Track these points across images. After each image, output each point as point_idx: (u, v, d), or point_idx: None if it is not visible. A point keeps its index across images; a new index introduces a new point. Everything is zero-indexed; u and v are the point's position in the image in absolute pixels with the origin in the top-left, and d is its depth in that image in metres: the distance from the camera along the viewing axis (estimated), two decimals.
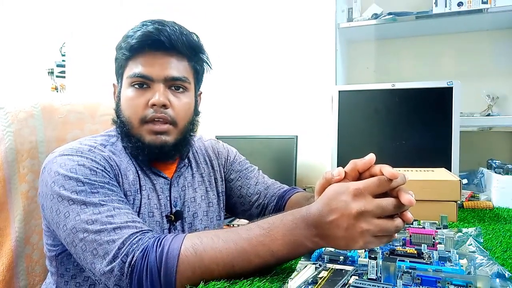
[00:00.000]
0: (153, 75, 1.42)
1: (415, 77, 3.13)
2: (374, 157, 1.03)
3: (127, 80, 1.46)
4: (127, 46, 1.44)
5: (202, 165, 1.69)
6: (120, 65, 1.52)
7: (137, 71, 1.43)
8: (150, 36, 1.41)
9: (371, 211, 0.93)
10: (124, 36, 1.48)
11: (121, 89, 1.51)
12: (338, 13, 2.98)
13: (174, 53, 1.46)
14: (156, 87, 1.43)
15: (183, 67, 1.49)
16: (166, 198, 1.49)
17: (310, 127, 3.24)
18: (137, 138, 1.43)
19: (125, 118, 1.46)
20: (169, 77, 1.44)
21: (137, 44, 1.42)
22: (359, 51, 3.31)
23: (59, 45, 4.68)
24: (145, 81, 1.43)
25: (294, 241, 1.01)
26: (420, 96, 2.35)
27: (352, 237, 0.94)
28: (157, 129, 1.42)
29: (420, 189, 1.63)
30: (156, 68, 1.43)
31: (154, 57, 1.44)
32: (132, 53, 1.45)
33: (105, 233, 1.13)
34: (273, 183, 1.78)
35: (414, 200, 0.95)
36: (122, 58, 1.48)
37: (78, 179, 1.23)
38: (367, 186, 0.95)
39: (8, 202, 1.66)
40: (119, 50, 1.50)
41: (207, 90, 1.71)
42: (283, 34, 3.36)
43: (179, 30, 1.46)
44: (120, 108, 1.50)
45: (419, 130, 2.34)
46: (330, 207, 0.96)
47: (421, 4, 2.99)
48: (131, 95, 1.44)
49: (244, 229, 1.08)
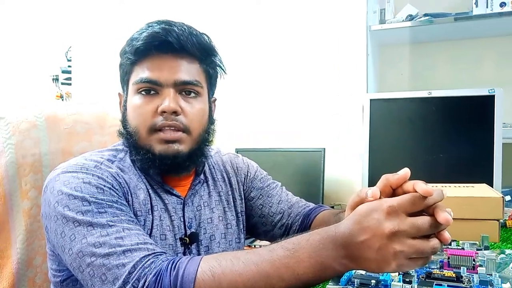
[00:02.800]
0: (161, 79, 1.40)
1: (453, 84, 3.12)
2: (409, 172, 1.01)
3: (133, 86, 1.44)
4: (132, 50, 1.42)
5: (220, 182, 1.67)
6: (125, 71, 1.50)
7: (144, 76, 1.41)
8: (157, 37, 1.39)
9: (406, 231, 0.91)
10: (128, 40, 1.47)
11: (127, 97, 1.50)
12: (370, 14, 2.98)
13: (183, 55, 1.44)
14: (165, 92, 1.41)
15: (195, 70, 1.47)
16: (179, 219, 1.47)
17: (338, 139, 3.22)
18: (146, 149, 1.41)
19: (132, 128, 1.44)
20: (179, 81, 1.42)
21: (143, 46, 1.40)
22: (392, 55, 3.30)
23: (64, 49, 4.71)
24: (153, 87, 1.41)
25: (321, 263, 0.99)
26: (459, 105, 2.34)
27: (385, 259, 0.92)
28: (168, 137, 1.40)
29: (458, 207, 1.62)
30: (164, 72, 1.41)
31: (162, 60, 1.42)
32: (138, 57, 1.43)
33: (114, 256, 1.12)
34: (298, 201, 1.75)
35: (452, 218, 0.93)
36: (126, 63, 1.47)
37: (83, 198, 1.22)
38: (401, 203, 0.93)
39: (9, 221, 1.66)
40: (123, 55, 1.49)
41: (224, 98, 1.70)
42: (309, 37, 3.35)
43: (188, 30, 1.44)
44: (126, 118, 1.48)
45: (458, 142, 2.33)
46: (361, 226, 0.95)
47: (460, 4, 2.98)
48: (138, 103, 1.43)
49: (266, 250, 1.06)
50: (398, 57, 3.28)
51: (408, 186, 0.99)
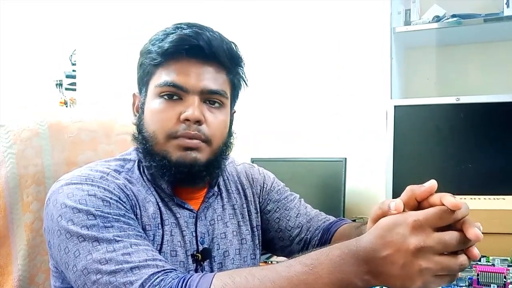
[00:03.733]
0: (188, 85, 1.39)
1: (483, 89, 3.10)
2: (436, 184, 1.00)
3: (155, 89, 1.43)
4: (159, 51, 1.41)
5: (234, 194, 1.66)
6: (146, 72, 1.48)
7: (169, 80, 1.40)
8: (188, 40, 1.38)
9: (432, 246, 0.91)
10: (153, 39, 1.46)
11: (145, 99, 1.48)
12: (394, 15, 2.97)
13: (212, 63, 1.43)
14: (189, 99, 1.40)
15: (222, 79, 1.46)
16: (191, 234, 1.46)
17: (361, 148, 3.23)
18: (163, 155, 1.40)
19: (149, 133, 1.42)
20: (206, 89, 1.41)
21: (172, 48, 1.39)
22: (418, 59, 3.29)
23: (69, 52, 4.71)
24: (178, 92, 1.40)
25: (342, 279, 0.98)
26: (489, 112, 2.34)
27: (409, 276, 0.92)
28: (187, 143, 1.38)
29: (488, 220, 1.60)
30: (191, 77, 1.40)
31: (190, 65, 1.41)
32: (165, 59, 1.42)
33: (121, 273, 1.11)
34: (317, 214, 1.74)
35: (481, 234, 0.92)
36: (150, 64, 1.45)
37: (88, 212, 1.22)
38: (428, 217, 0.93)
39: (9, 235, 1.66)
40: (146, 54, 1.47)
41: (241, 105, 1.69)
42: (330, 40, 3.36)
43: (220, 37, 1.44)
44: (143, 122, 1.47)
45: (488, 151, 2.32)
46: (385, 240, 0.94)
47: (490, 4, 2.97)
48: (159, 107, 1.41)
49: (283, 266, 1.05)
50: (424, 61, 3.27)
51: (434, 199, 0.98)
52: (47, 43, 4.86)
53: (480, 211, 1.55)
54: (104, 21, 4.17)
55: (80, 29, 4.31)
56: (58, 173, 1.65)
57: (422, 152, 2.47)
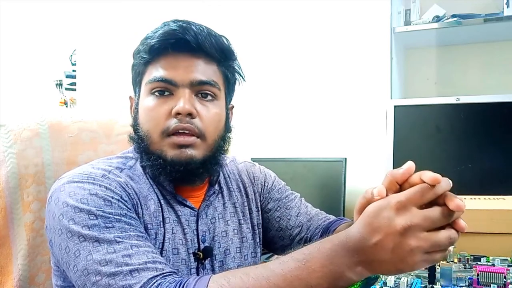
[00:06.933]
0: (176, 79, 1.39)
1: (483, 89, 3.10)
2: (414, 165, 1.00)
3: (146, 87, 1.43)
4: (146, 48, 1.41)
5: (235, 192, 1.66)
6: (137, 72, 1.49)
7: (158, 75, 1.40)
8: (173, 34, 1.38)
9: (419, 224, 0.91)
10: (142, 39, 1.46)
11: (138, 100, 1.49)
12: (394, 15, 2.97)
13: (201, 55, 1.43)
14: (180, 93, 1.39)
15: (212, 71, 1.46)
16: (192, 232, 1.46)
17: (361, 148, 3.22)
18: (158, 154, 1.39)
19: (144, 132, 1.43)
20: (196, 81, 1.41)
21: (158, 44, 1.39)
22: (418, 59, 3.29)
23: (69, 52, 4.71)
24: (168, 87, 1.40)
25: (335, 272, 0.99)
26: (489, 112, 2.33)
27: (401, 258, 0.92)
28: (181, 141, 1.38)
29: (489, 220, 1.60)
30: (180, 71, 1.40)
31: (178, 59, 1.41)
32: (152, 56, 1.42)
33: (120, 276, 1.11)
34: (318, 214, 1.74)
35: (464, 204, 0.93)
36: (140, 63, 1.46)
37: (90, 212, 1.22)
38: (410, 196, 0.93)
39: (10, 235, 1.66)
40: (136, 55, 1.48)
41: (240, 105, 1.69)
42: (329, 40, 3.36)
43: (207, 30, 1.44)
44: (138, 121, 1.47)
45: (488, 151, 2.32)
46: (372, 227, 0.94)
47: (490, 4, 2.97)
48: (151, 105, 1.41)
49: (277, 263, 1.06)
50: (424, 61, 3.27)
51: (414, 178, 0.98)
52: (47, 43, 4.87)
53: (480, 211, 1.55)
54: (104, 21, 4.16)
55: (80, 29, 4.31)
56: (59, 173, 1.65)
57: (422, 152, 2.47)
